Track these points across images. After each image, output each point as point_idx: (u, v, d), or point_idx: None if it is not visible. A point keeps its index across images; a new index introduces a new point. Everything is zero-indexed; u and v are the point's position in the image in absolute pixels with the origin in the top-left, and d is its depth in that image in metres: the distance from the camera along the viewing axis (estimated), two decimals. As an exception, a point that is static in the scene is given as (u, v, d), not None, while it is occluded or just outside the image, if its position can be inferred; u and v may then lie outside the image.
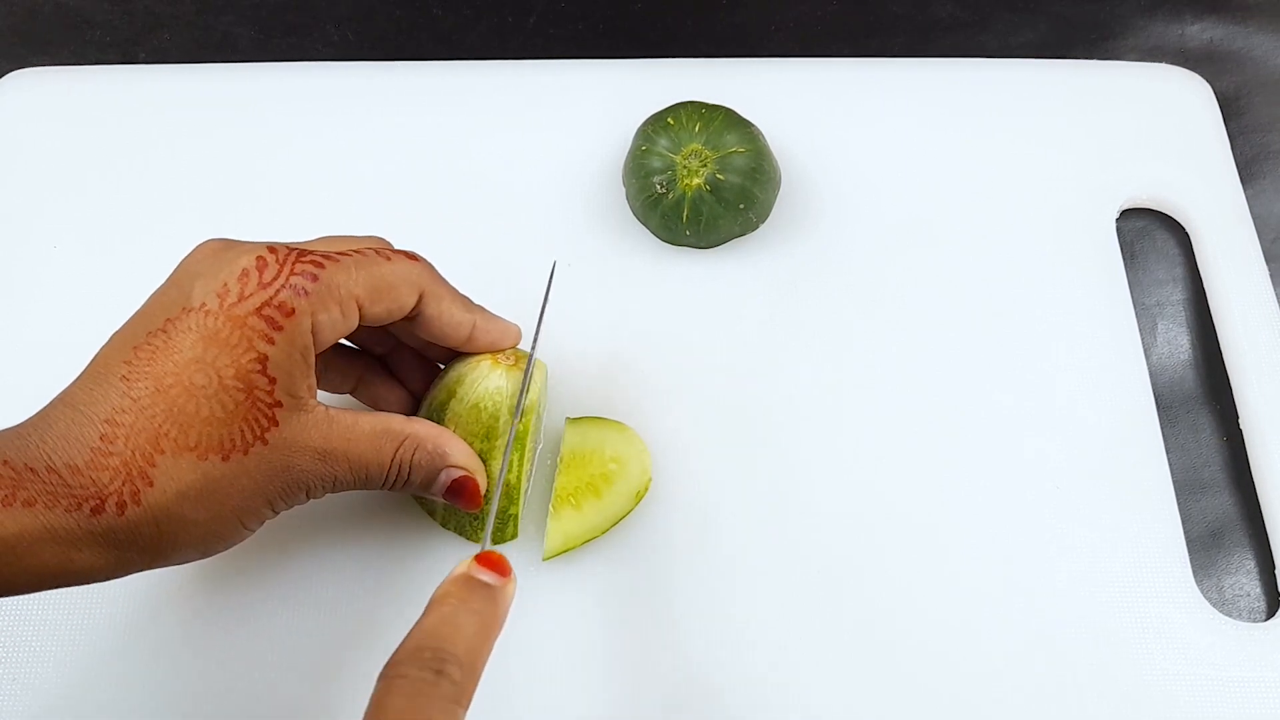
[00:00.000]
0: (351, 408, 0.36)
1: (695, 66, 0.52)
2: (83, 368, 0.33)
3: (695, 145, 0.45)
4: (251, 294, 0.32)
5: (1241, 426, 0.45)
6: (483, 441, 0.38)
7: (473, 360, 0.39)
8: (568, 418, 0.42)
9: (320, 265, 0.33)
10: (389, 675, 0.28)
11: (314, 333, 0.33)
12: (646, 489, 0.41)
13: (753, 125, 0.46)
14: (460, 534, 0.40)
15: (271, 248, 0.33)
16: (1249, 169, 0.52)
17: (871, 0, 0.58)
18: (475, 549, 0.40)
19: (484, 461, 0.38)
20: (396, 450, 0.35)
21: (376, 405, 0.40)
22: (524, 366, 0.39)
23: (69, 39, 0.56)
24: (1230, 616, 0.41)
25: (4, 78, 0.53)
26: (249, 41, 0.56)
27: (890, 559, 0.41)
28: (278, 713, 0.38)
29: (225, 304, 0.32)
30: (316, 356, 0.34)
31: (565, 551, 0.40)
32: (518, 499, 0.39)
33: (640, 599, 0.40)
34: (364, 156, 0.50)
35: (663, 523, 0.41)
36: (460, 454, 0.37)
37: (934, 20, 0.57)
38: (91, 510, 0.30)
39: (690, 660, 0.39)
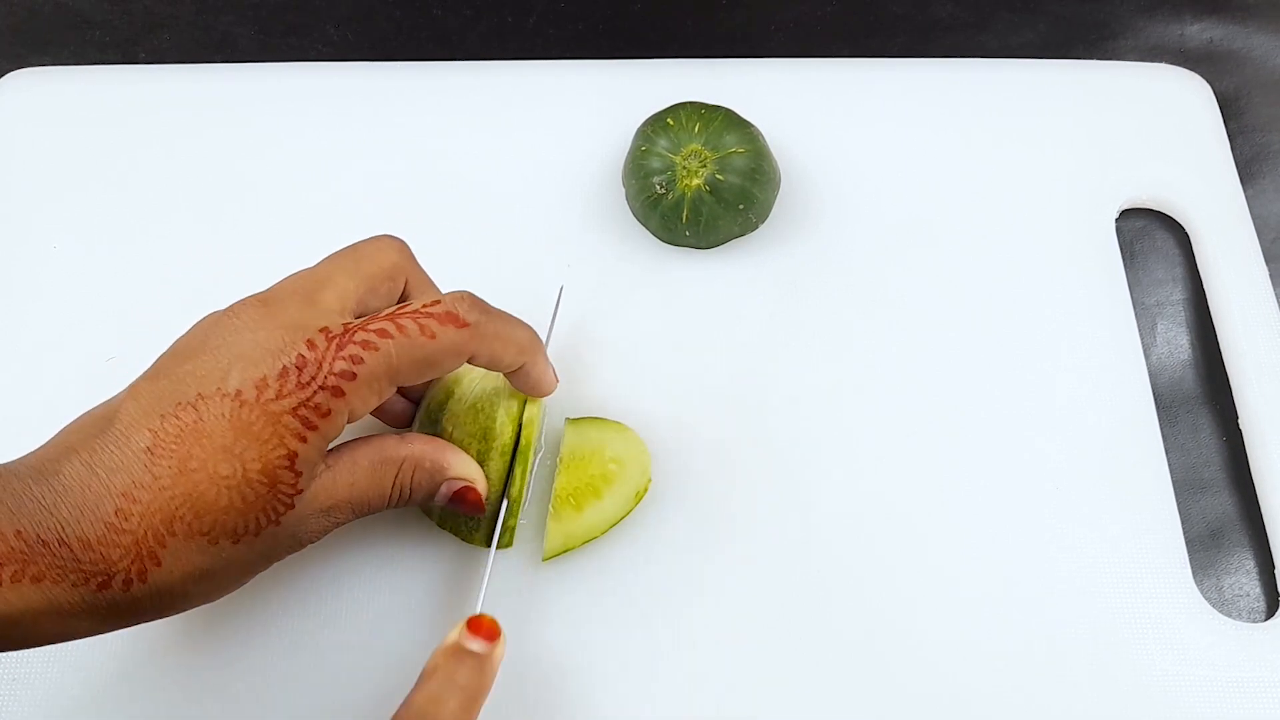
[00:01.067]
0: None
1: (695, 66, 0.52)
2: (100, 401, 0.32)
3: (695, 146, 0.45)
4: (290, 393, 0.31)
5: (1241, 426, 0.45)
6: (480, 442, 0.38)
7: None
8: (567, 418, 0.42)
9: (359, 361, 0.32)
10: None
11: (348, 417, 0.33)
12: (646, 489, 0.41)
13: (752, 126, 0.46)
14: (457, 535, 0.40)
15: (311, 342, 0.32)
16: (1249, 169, 0.52)
17: (871, 0, 0.58)
18: (474, 550, 0.40)
19: (482, 463, 0.38)
20: (396, 475, 0.35)
21: (379, 418, 0.40)
22: None
23: (69, 39, 0.56)
24: (1230, 616, 0.41)
25: (4, 78, 0.53)
26: (249, 41, 0.56)
27: (890, 559, 0.41)
28: (275, 713, 0.38)
29: (263, 398, 0.31)
30: None
31: (565, 552, 0.40)
32: (516, 511, 0.39)
33: (640, 599, 0.40)
34: (364, 156, 0.50)
35: (662, 523, 0.41)
36: (459, 465, 0.37)
37: (934, 20, 0.57)
38: (98, 586, 0.29)
39: (690, 660, 0.39)
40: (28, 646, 0.30)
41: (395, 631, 0.39)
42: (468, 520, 0.39)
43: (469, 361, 0.35)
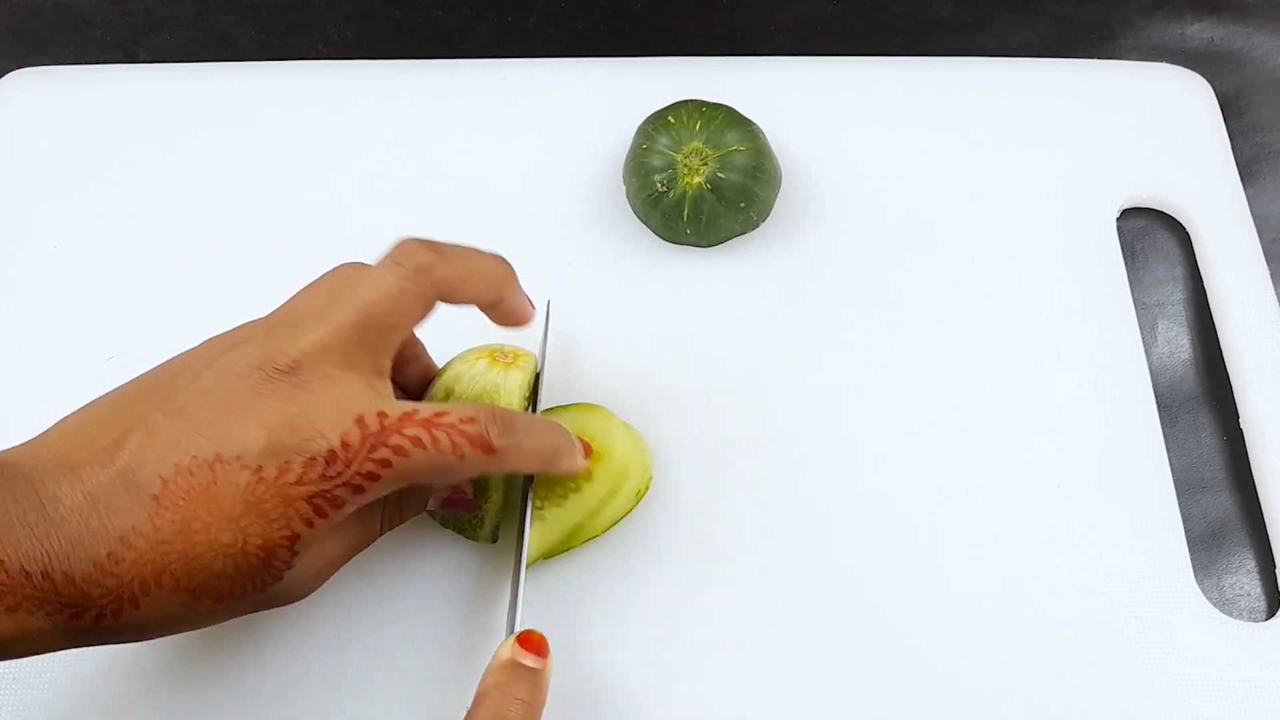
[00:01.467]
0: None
1: (695, 66, 0.52)
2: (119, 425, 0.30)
3: (696, 144, 0.45)
4: (310, 482, 0.30)
5: (1242, 426, 0.44)
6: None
7: (470, 358, 0.39)
8: (541, 410, 0.41)
9: (388, 465, 0.31)
10: None
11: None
12: (647, 488, 0.41)
13: (753, 124, 0.46)
14: (460, 533, 0.40)
15: (346, 440, 0.30)
16: (1249, 169, 0.52)
17: (871, 0, 0.58)
18: (477, 547, 0.40)
19: None
20: (382, 512, 0.35)
21: None
22: (521, 365, 0.39)
23: (69, 39, 0.56)
24: (1230, 616, 0.41)
25: (4, 78, 0.53)
26: (249, 41, 0.56)
27: (891, 558, 0.41)
28: (275, 712, 0.38)
29: (282, 480, 0.30)
30: None
31: (563, 551, 0.40)
32: (499, 500, 0.39)
33: (639, 598, 0.40)
34: (364, 156, 0.50)
35: (662, 522, 0.41)
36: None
37: (934, 20, 0.57)
38: (70, 616, 0.29)
39: (691, 660, 0.39)
40: None
41: (397, 633, 0.39)
42: (470, 518, 0.39)
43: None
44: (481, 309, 0.36)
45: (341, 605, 0.40)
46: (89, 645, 0.31)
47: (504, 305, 0.37)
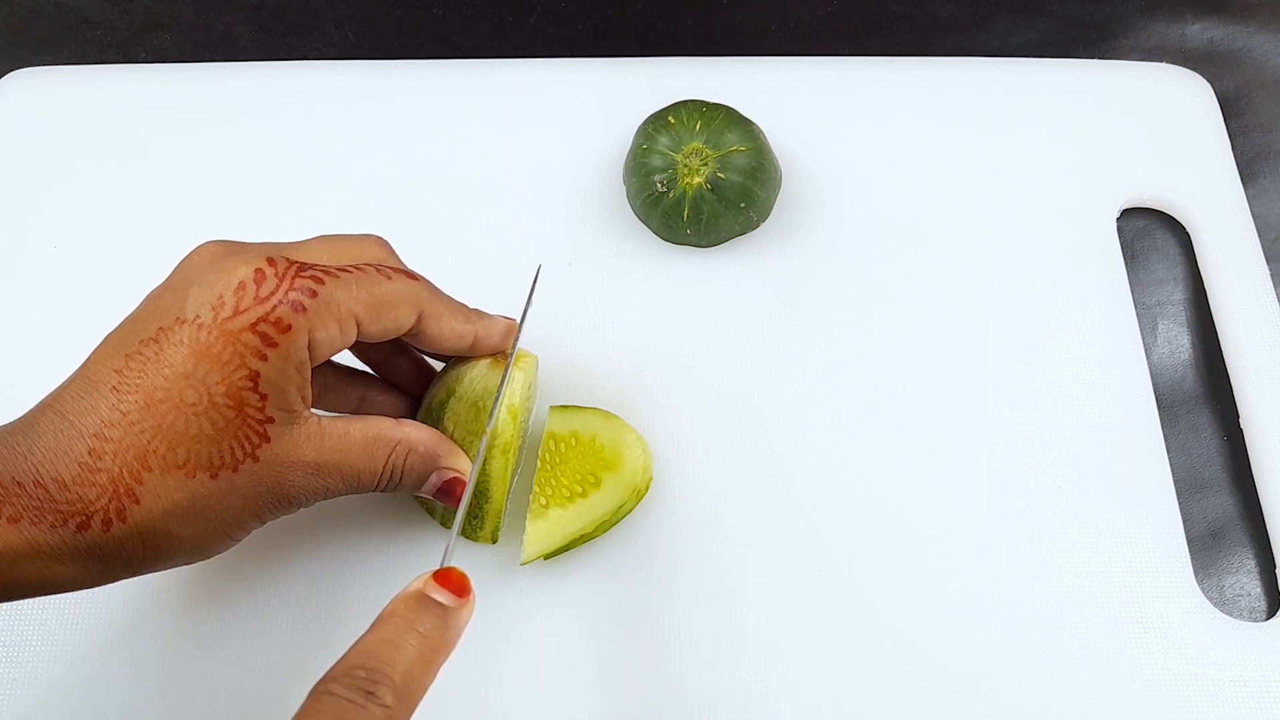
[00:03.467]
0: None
1: (695, 66, 0.52)
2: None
3: (696, 144, 0.45)
4: (247, 309, 0.31)
5: (1242, 426, 0.44)
6: (481, 440, 0.38)
7: (471, 359, 0.39)
8: (551, 405, 0.41)
9: (319, 281, 0.32)
10: (318, 691, 0.27)
11: (310, 348, 0.32)
12: (647, 487, 0.41)
13: (753, 124, 0.46)
14: (460, 533, 0.40)
15: (271, 259, 0.32)
16: (1249, 169, 0.52)
17: (871, 0, 0.58)
18: (479, 548, 0.40)
19: (484, 460, 0.38)
20: (389, 456, 0.35)
21: (375, 413, 0.40)
22: (522, 365, 0.39)
23: (69, 39, 0.56)
24: (1230, 616, 0.41)
25: (4, 78, 0.53)
26: (249, 41, 0.56)
27: (891, 559, 0.41)
28: (275, 712, 0.38)
29: (219, 318, 0.31)
30: (314, 373, 0.33)
31: (560, 552, 0.40)
32: (500, 500, 0.39)
33: (639, 599, 0.40)
34: (364, 156, 0.50)
35: (663, 521, 0.41)
36: (451, 456, 0.37)
37: (934, 20, 0.57)
38: (77, 526, 0.30)
39: (689, 661, 0.39)
40: (15, 596, 0.30)
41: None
42: (471, 518, 0.39)
43: (424, 329, 0.35)
44: (452, 345, 0.37)
45: (339, 601, 0.40)
46: (113, 571, 0.31)
47: (479, 338, 0.38)
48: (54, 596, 0.37)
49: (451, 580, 0.31)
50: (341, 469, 0.34)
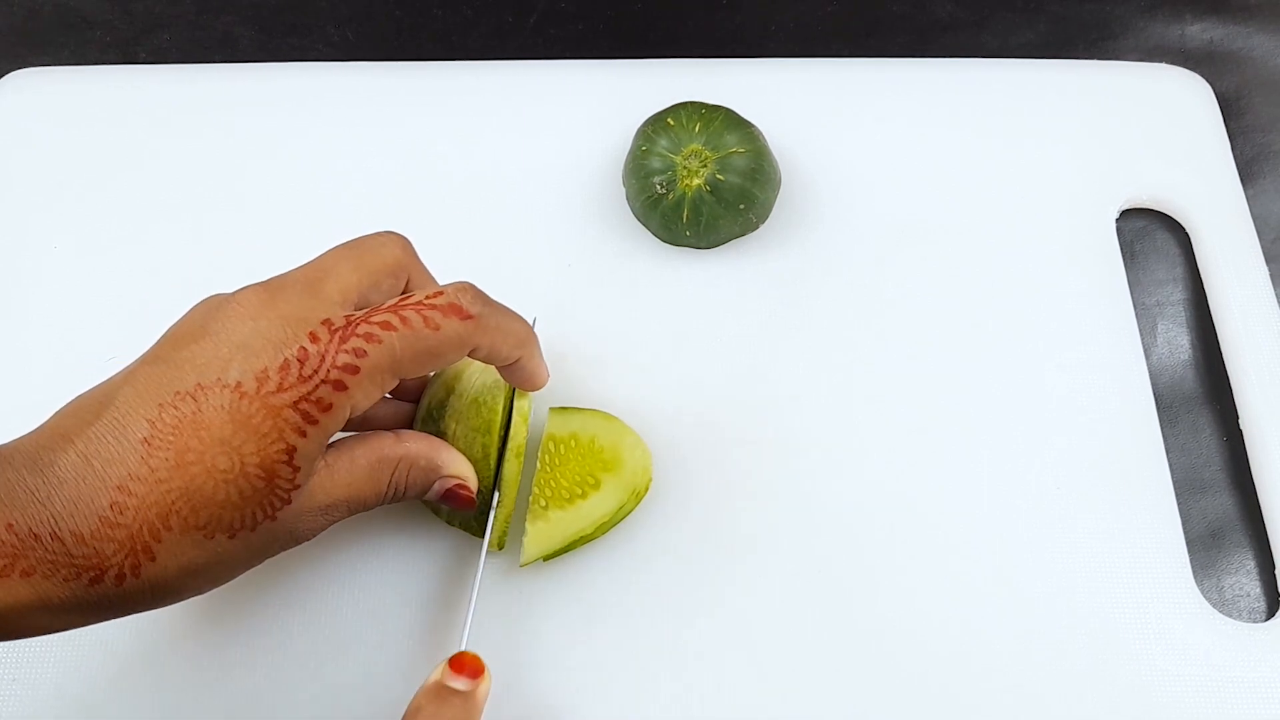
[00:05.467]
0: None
1: (695, 66, 0.52)
2: (95, 385, 0.31)
3: (695, 146, 0.45)
4: (291, 386, 0.30)
5: (1241, 426, 0.44)
6: (484, 436, 0.38)
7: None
8: (551, 407, 0.41)
9: (363, 355, 0.31)
10: None
11: (350, 411, 0.32)
12: (647, 488, 0.41)
13: (753, 125, 0.46)
14: (466, 530, 0.40)
15: (314, 334, 0.31)
16: (1249, 169, 0.52)
17: (871, 0, 0.58)
18: (475, 548, 0.40)
19: (485, 456, 0.38)
20: (392, 475, 0.35)
21: (374, 423, 0.40)
22: None
23: (69, 39, 0.56)
24: (1230, 616, 0.41)
25: (4, 78, 0.53)
26: (249, 41, 0.56)
27: (890, 558, 0.41)
28: (281, 711, 0.38)
29: (263, 390, 0.30)
30: None
31: (556, 555, 0.40)
32: (511, 504, 0.39)
33: (639, 600, 0.40)
34: (364, 156, 0.50)
35: (663, 522, 0.41)
36: (453, 464, 0.37)
37: (934, 20, 0.57)
38: (90, 581, 0.29)
39: (689, 662, 0.39)
40: (13, 639, 0.30)
41: (404, 630, 0.39)
42: (478, 517, 0.39)
43: (469, 354, 0.35)
44: (498, 366, 0.37)
45: (347, 601, 0.40)
46: (115, 616, 0.31)
47: (521, 366, 0.37)
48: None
49: (466, 665, 0.34)
50: (350, 501, 0.34)
